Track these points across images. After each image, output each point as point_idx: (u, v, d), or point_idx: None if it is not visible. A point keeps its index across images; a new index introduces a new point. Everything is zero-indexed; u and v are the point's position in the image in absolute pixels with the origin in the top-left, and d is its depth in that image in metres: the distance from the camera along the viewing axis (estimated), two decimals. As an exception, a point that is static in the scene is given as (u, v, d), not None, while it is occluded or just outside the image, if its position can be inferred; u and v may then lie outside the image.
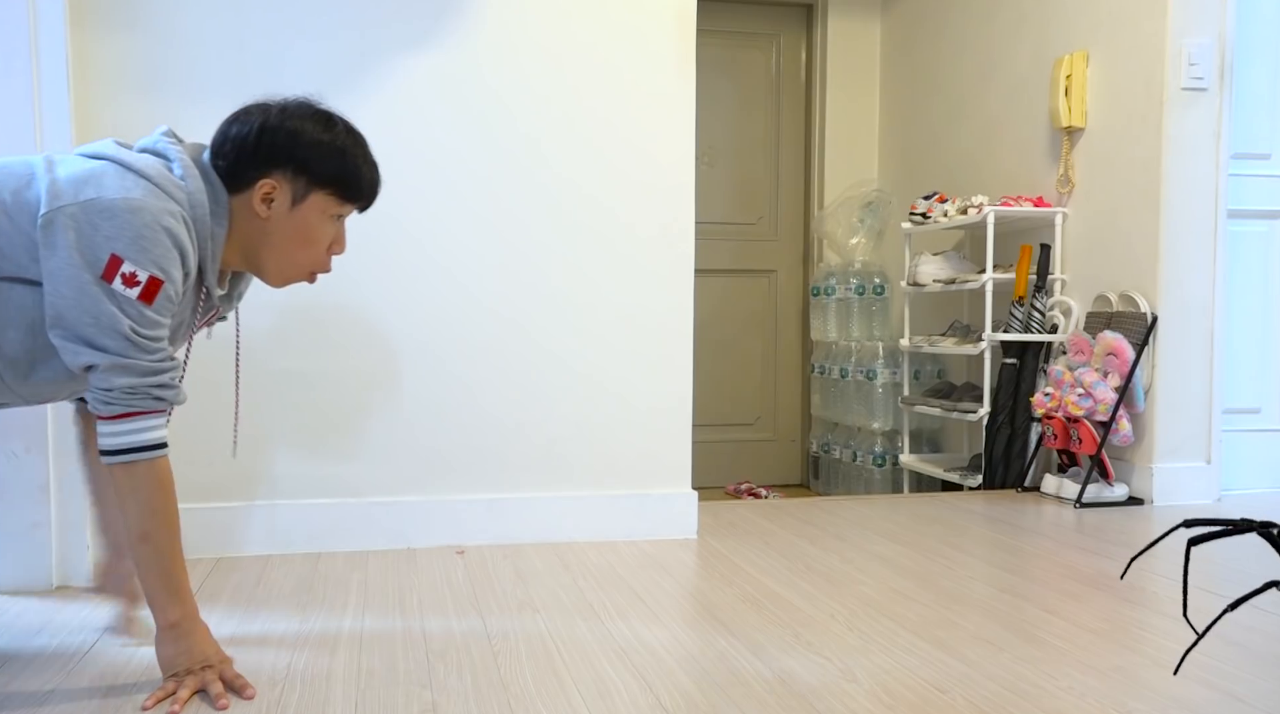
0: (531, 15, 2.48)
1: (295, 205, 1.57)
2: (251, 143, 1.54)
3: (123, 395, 1.44)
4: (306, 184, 1.56)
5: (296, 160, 1.55)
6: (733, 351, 4.70)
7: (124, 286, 1.41)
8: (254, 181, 1.54)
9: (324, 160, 1.56)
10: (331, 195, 1.58)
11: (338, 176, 1.58)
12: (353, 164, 1.59)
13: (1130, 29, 3.14)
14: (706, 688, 1.54)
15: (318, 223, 1.59)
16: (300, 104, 1.59)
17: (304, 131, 1.55)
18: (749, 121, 4.71)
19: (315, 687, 1.54)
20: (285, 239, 1.58)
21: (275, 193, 1.55)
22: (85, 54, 2.24)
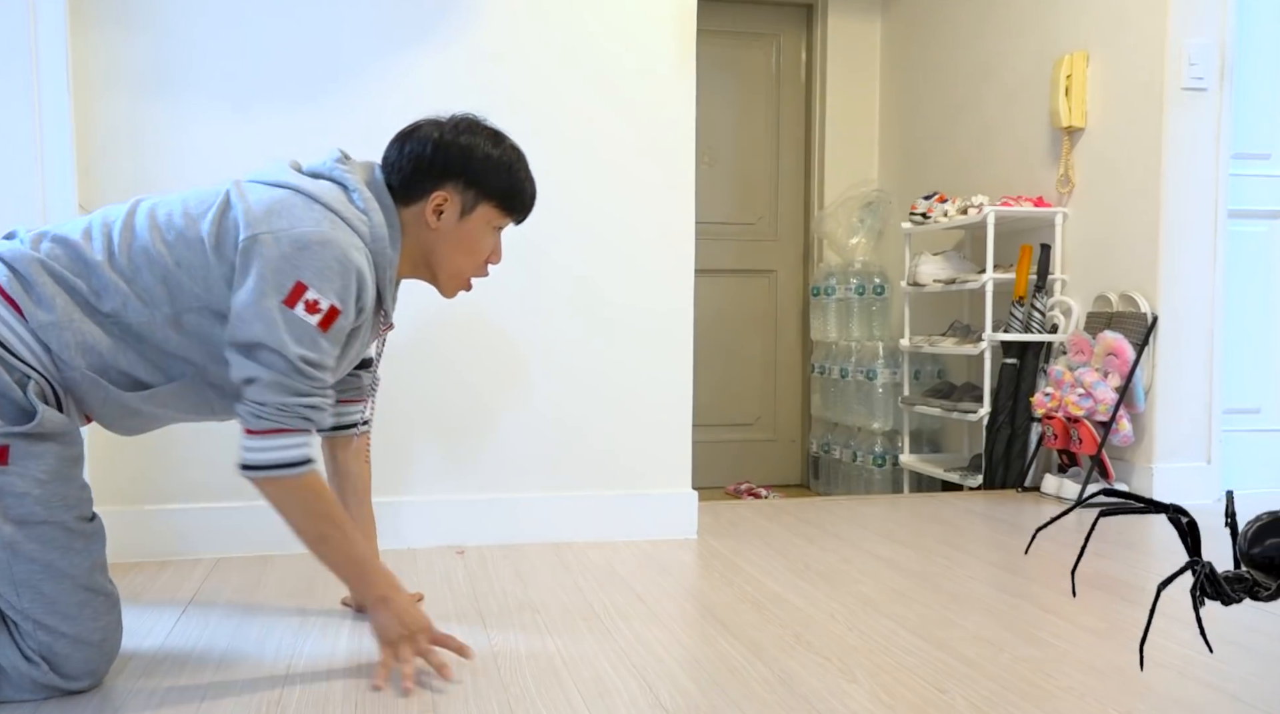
0: (532, 15, 2.48)
1: (463, 216, 1.67)
2: (428, 157, 1.63)
3: (275, 411, 1.49)
4: (475, 196, 1.66)
5: (468, 174, 1.64)
6: (733, 352, 4.70)
7: (306, 312, 1.49)
8: (428, 193, 1.64)
9: (493, 174, 1.66)
10: (496, 207, 1.68)
11: (504, 190, 1.68)
12: (518, 179, 1.69)
13: (1130, 29, 3.14)
14: (706, 688, 1.54)
15: (481, 233, 1.69)
16: (470, 121, 1.68)
17: (476, 147, 1.65)
18: (749, 121, 4.71)
19: (315, 687, 1.54)
20: (453, 248, 1.68)
21: (446, 204, 1.65)
22: (85, 54, 2.24)
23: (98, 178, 2.27)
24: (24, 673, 1.46)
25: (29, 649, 1.46)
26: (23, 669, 1.46)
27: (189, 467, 2.32)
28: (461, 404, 2.49)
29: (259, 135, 2.35)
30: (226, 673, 1.60)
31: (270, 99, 2.36)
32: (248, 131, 2.35)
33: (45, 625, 1.46)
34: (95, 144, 2.26)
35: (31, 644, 1.46)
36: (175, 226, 1.54)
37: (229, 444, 2.34)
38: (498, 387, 2.50)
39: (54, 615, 1.46)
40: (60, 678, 1.48)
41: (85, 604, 1.49)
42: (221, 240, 1.52)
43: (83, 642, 1.48)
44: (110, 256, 1.52)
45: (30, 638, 1.46)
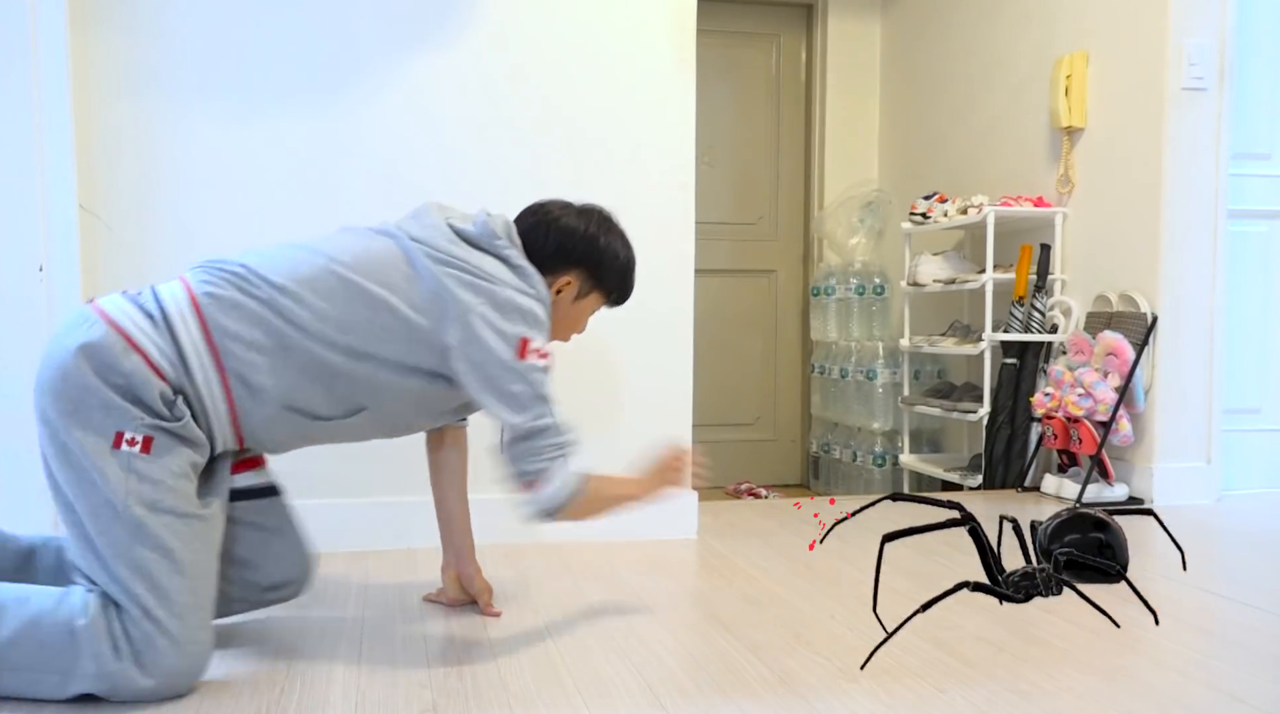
0: (532, 15, 2.48)
1: (577, 300, 1.84)
2: (571, 247, 1.80)
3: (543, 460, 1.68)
4: (593, 286, 1.84)
5: (599, 268, 1.83)
6: (733, 351, 4.70)
7: (537, 359, 1.67)
8: (558, 274, 1.80)
9: (615, 273, 1.86)
10: (604, 297, 1.88)
11: (619, 287, 1.88)
12: (630, 278, 1.90)
13: (1130, 29, 3.14)
14: (706, 688, 1.54)
15: (585, 314, 1.89)
16: (607, 219, 1.87)
17: (612, 249, 1.84)
18: (749, 121, 4.71)
19: (315, 687, 1.54)
20: (560, 323, 1.84)
21: (567, 288, 1.82)
22: (85, 54, 2.24)
23: (98, 178, 2.27)
24: (103, 664, 1.43)
25: (123, 638, 1.45)
26: (105, 659, 1.43)
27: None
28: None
29: (259, 135, 2.35)
30: (226, 673, 1.60)
31: (271, 99, 2.36)
32: (248, 132, 2.35)
33: (153, 616, 1.46)
34: (95, 144, 2.26)
35: (133, 632, 1.45)
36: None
37: (229, 444, 2.34)
38: (498, 387, 2.50)
39: (164, 607, 1.47)
40: (140, 674, 1.45)
41: (197, 606, 1.51)
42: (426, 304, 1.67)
43: (181, 644, 1.48)
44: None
45: (135, 625, 1.45)
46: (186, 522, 1.53)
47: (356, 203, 2.40)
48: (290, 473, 2.38)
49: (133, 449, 1.50)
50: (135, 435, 1.51)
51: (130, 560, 1.47)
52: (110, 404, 1.51)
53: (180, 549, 1.50)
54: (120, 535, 1.48)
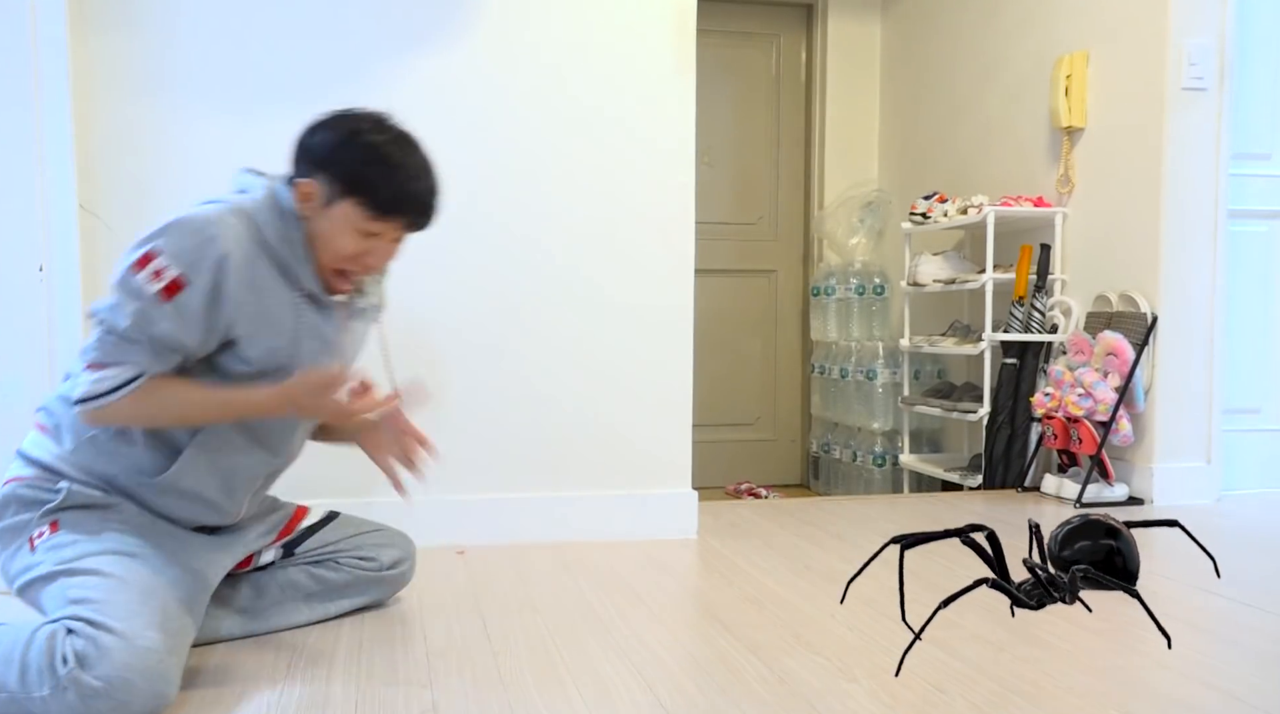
0: (532, 16, 2.48)
1: (327, 208, 1.59)
2: (303, 146, 1.61)
3: (98, 347, 1.51)
4: (338, 190, 1.58)
5: (336, 167, 1.57)
6: (733, 351, 4.70)
7: (151, 280, 1.49)
8: (298, 180, 1.60)
9: (360, 169, 1.57)
10: (360, 205, 1.57)
11: (368, 189, 1.57)
12: (395, 182, 1.58)
13: (1130, 29, 3.14)
14: (706, 688, 1.54)
15: (341, 232, 1.59)
16: (367, 114, 1.62)
17: (353, 145, 1.57)
18: (749, 121, 4.71)
19: (315, 687, 1.54)
20: (322, 240, 1.61)
21: (312, 193, 1.59)
22: (85, 55, 2.24)
23: (98, 178, 2.27)
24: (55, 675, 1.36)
25: (66, 651, 1.37)
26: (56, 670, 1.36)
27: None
28: (461, 404, 2.48)
29: (260, 135, 2.35)
30: (226, 673, 1.60)
31: (271, 99, 2.36)
32: (248, 132, 2.35)
33: (96, 623, 1.39)
34: (95, 144, 2.26)
35: (77, 643, 1.37)
36: None
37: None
38: (498, 386, 2.50)
39: (104, 613, 1.41)
40: (87, 674, 1.35)
41: (143, 609, 1.44)
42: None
43: (129, 640, 1.39)
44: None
45: (80, 636, 1.38)
46: (125, 557, 1.52)
47: (356, 203, 2.40)
48: (291, 473, 2.39)
49: (42, 539, 1.56)
50: (40, 529, 1.57)
51: (65, 599, 1.46)
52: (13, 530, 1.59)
53: (117, 572, 1.49)
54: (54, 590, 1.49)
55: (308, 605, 1.86)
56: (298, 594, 1.85)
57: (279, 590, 1.83)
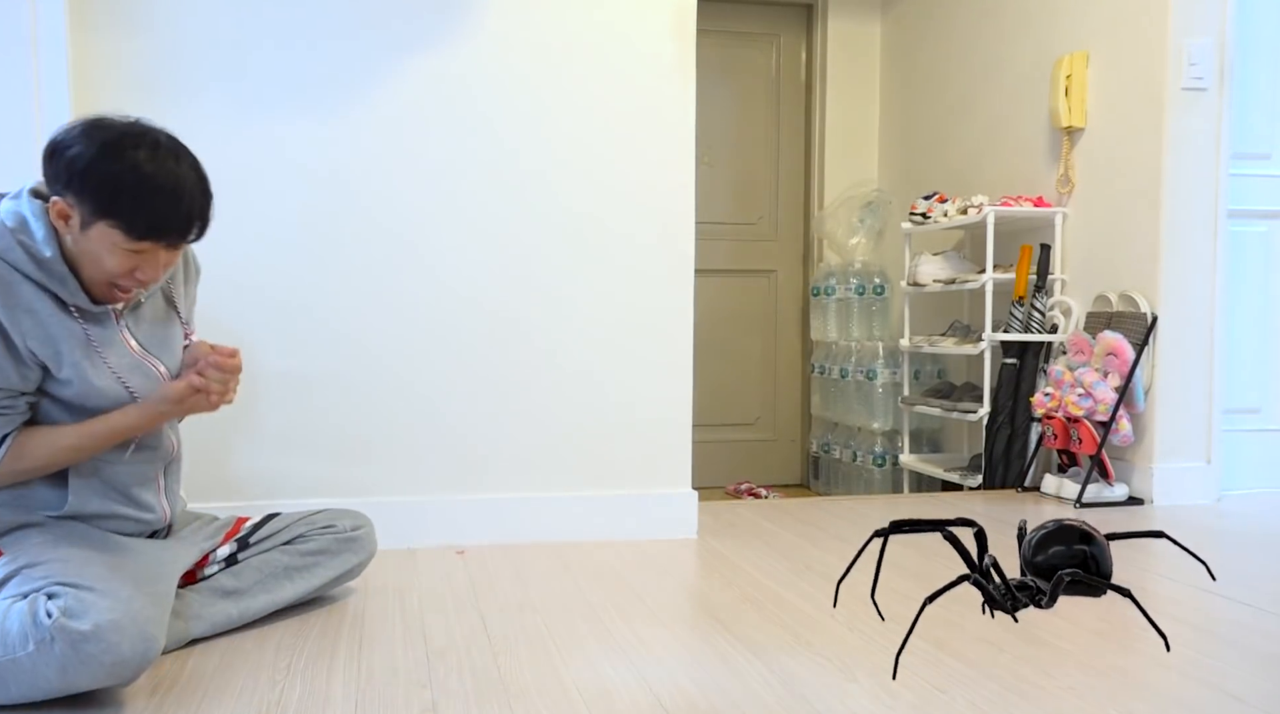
0: (531, 16, 2.48)
1: (85, 229, 1.49)
2: (48, 159, 1.50)
3: None
4: (88, 213, 1.48)
5: (78, 187, 1.47)
6: (733, 352, 4.70)
7: None
8: (50, 198, 1.51)
9: (103, 192, 1.47)
10: (114, 229, 1.48)
11: (118, 212, 1.47)
12: (136, 202, 1.47)
13: (1130, 29, 3.14)
14: (706, 688, 1.54)
15: (104, 251, 1.50)
16: (110, 126, 1.50)
17: (92, 159, 1.46)
18: (749, 121, 4.71)
19: (315, 686, 1.54)
20: (83, 257, 1.52)
21: (68, 213, 1.49)
22: (85, 54, 2.24)
23: (98, 178, 2.26)
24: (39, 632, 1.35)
25: (48, 608, 1.37)
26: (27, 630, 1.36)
27: (192, 468, 2.32)
28: (461, 404, 2.48)
29: (259, 135, 2.35)
30: (227, 672, 1.60)
31: (271, 99, 2.36)
32: (248, 131, 2.35)
33: (73, 584, 1.41)
34: (95, 144, 2.26)
35: (57, 603, 1.38)
36: None
37: (222, 446, 2.34)
38: (498, 387, 2.50)
39: (79, 581, 1.42)
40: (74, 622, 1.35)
41: (115, 575, 1.46)
42: None
43: (112, 595, 1.40)
44: None
45: (59, 597, 1.39)
46: (79, 548, 1.53)
47: (355, 203, 2.40)
48: (291, 473, 2.39)
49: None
50: None
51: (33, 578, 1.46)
52: None
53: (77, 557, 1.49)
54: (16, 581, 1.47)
55: (290, 582, 1.89)
56: (277, 569, 1.88)
57: (257, 570, 1.86)
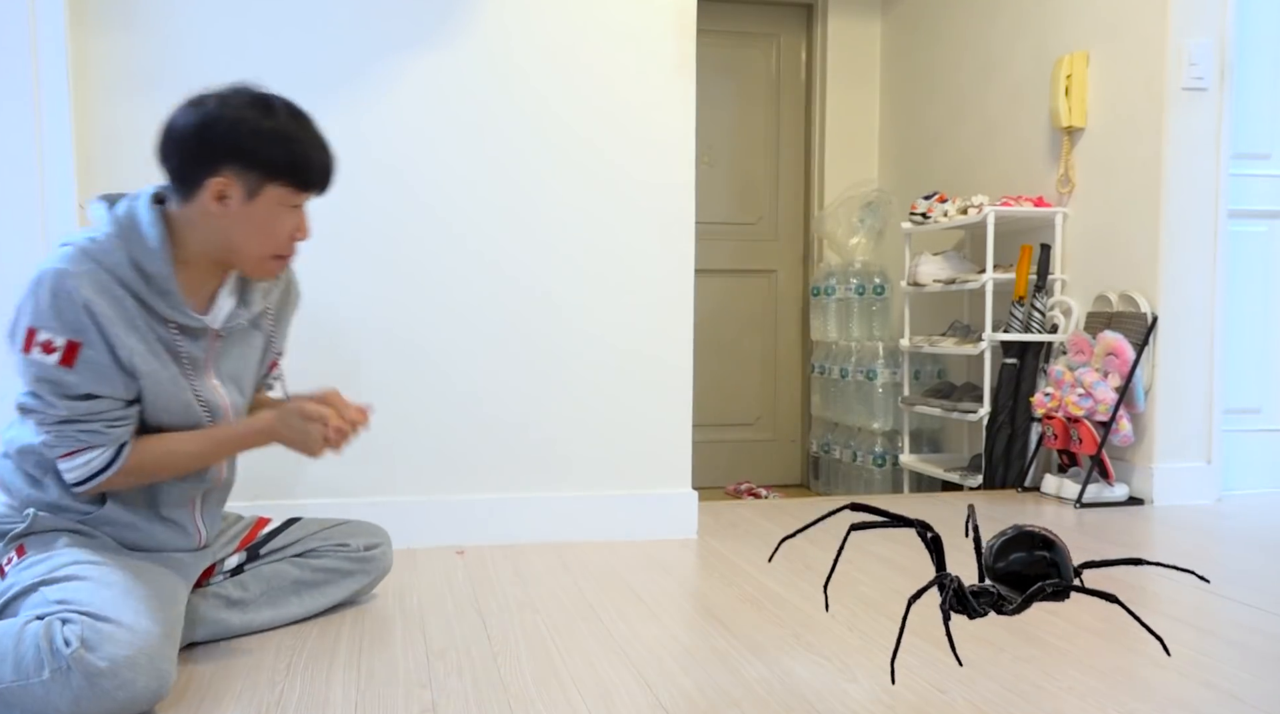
0: (533, 16, 2.48)
1: (252, 200, 1.53)
2: (192, 145, 1.52)
3: (57, 439, 1.54)
4: (259, 176, 1.53)
5: (246, 152, 1.51)
6: (733, 352, 4.70)
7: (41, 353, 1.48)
8: (202, 182, 1.52)
9: (271, 149, 1.52)
10: (285, 184, 1.54)
11: (288, 163, 1.53)
12: (299, 149, 1.54)
13: (1130, 29, 3.14)
14: (706, 688, 1.54)
15: (274, 215, 1.56)
16: (237, 91, 1.55)
17: (249, 124, 1.51)
18: (749, 121, 4.71)
19: (315, 686, 1.54)
20: (247, 233, 1.55)
21: (228, 189, 1.52)
22: (85, 54, 2.24)
23: (98, 178, 2.26)
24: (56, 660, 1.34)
25: (66, 635, 1.36)
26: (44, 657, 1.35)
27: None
28: (461, 404, 2.48)
29: (259, 135, 2.35)
30: (226, 673, 1.60)
31: (270, 99, 2.36)
32: (248, 131, 2.35)
33: (89, 612, 1.39)
34: (95, 144, 2.26)
35: (74, 630, 1.36)
36: None
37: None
38: (497, 387, 2.50)
39: (94, 607, 1.41)
40: (91, 655, 1.34)
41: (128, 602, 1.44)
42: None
43: (128, 627, 1.39)
44: None
45: (73, 625, 1.37)
46: (100, 561, 1.52)
47: (355, 203, 2.40)
48: (293, 473, 2.39)
49: (11, 565, 1.56)
50: (9, 555, 1.57)
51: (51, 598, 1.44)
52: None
53: (95, 573, 1.48)
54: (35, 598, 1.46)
55: (297, 598, 1.86)
56: (284, 582, 1.85)
57: (265, 581, 1.84)
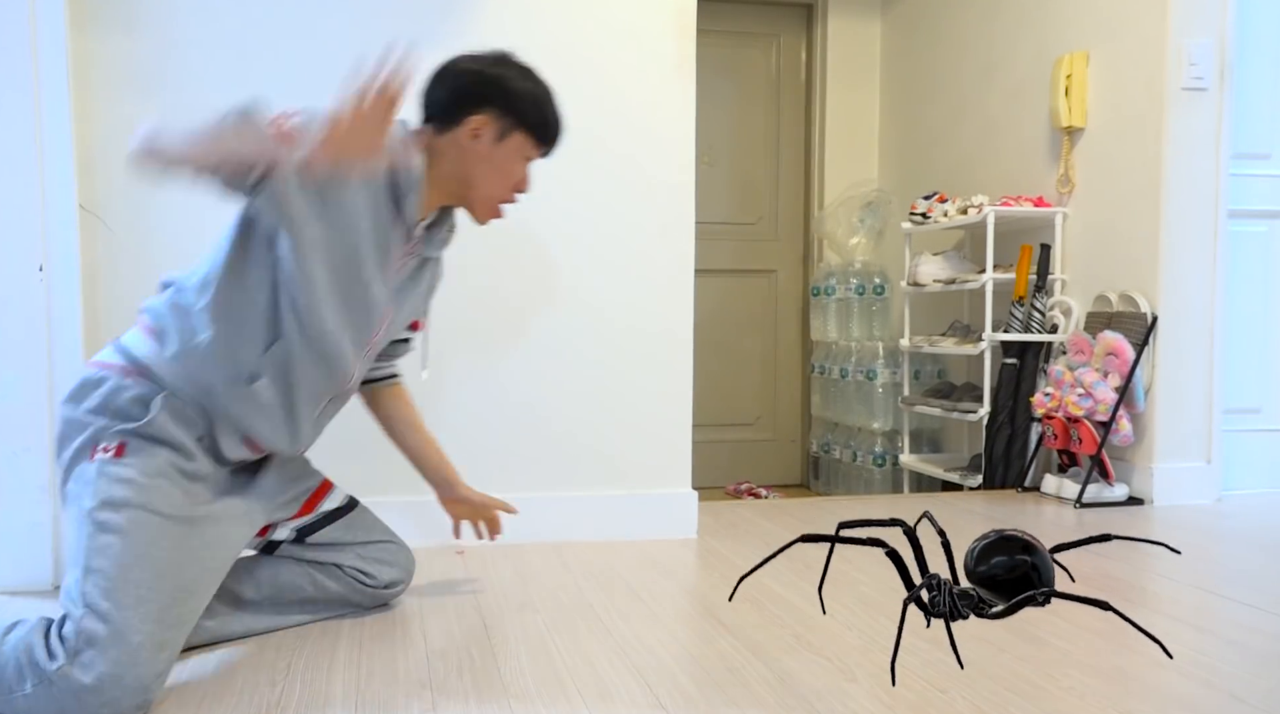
0: (533, 15, 2.48)
1: (499, 141, 1.77)
2: (465, 86, 1.76)
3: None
4: (510, 124, 1.77)
5: (504, 102, 1.76)
6: (733, 352, 4.70)
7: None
8: (464, 117, 1.75)
9: (525, 105, 1.77)
10: (529, 137, 1.79)
11: (537, 120, 1.79)
12: (550, 112, 1.80)
13: (1130, 29, 3.14)
14: (706, 688, 1.54)
15: (514, 160, 1.80)
16: (504, 55, 1.80)
17: (510, 78, 1.77)
18: (749, 121, 4.71)
19: (315, 687, 1.54)
20: (487, 171, 1.78)
21: (484, 128, 1.75)
22: (85, 54, 2.24)
23: (98, 178, 2.27)
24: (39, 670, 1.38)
25: (58, 639, 1.40)
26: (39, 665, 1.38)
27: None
28: (461, 404, 2.48)
29: (259, 135, 2.35)
30: (227, 673, 1.60)
31: (270, 99, 2.36)
32: (248, 131, 2.34)
33: (97, 610, 1.42)
34: (95, 144, 2.26)
35: (69, 630, 1.40)
36: None
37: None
38: (497, 386, 2.50)
39: (109, 598, 1.43)
40: (78, 671, 1.37)
41: (148, 597, 1.46)
42: None
43: (123, 635, 1.41)
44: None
45: (73, 623, 1.41)
46: (158, 519, 1.53)
47: (356, 203, 2.40)
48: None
49: (106, 455, 1.56)
50: (109, 443, 1.57)
51: (88, 557, 1.47)
52: (86, 425, 1.58)
53: (141, 541, 1.50)
54: (84, 538, 1.49)
55: (301, 609, 1.86)
56: (295, 597, 1.85)
57: (278, 590, 1.83)
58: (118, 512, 1.51)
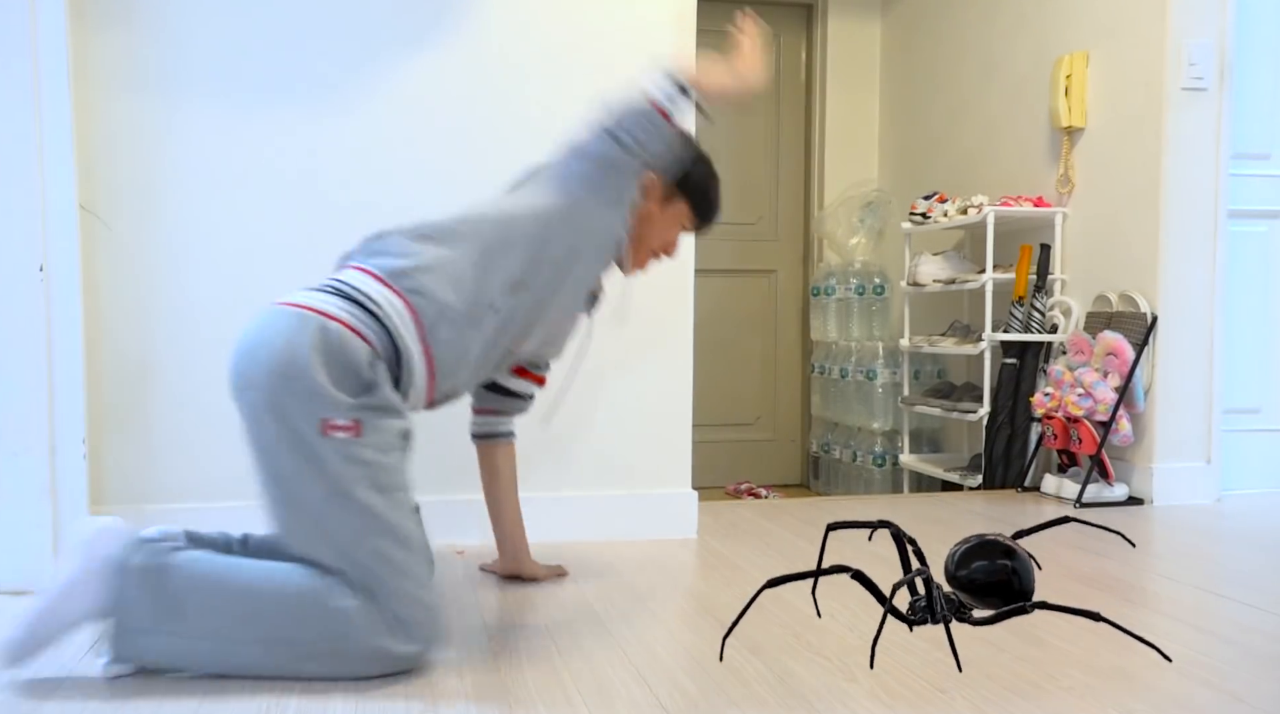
0: (532, 16, 2.48)
1: (663, 204, 1.96)
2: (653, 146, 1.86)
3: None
4: (676, 191, 1.96)
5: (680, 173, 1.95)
6: (733, 352, 4.70)
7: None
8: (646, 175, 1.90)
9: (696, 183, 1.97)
10: (689, 208, 1.99)
11: (701, 198, 1.99)
12: (714, 196, 2.01)
13: (1130, 29, 3.14)
14: (706, 688, 1.54)
15: (670, 225, 1.99)
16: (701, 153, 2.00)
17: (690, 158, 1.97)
18: (749, 121, 4.71)
19: (315, 687, 1.54)
20: (647, 226, 1.96)
21: (654, 188, 1.93)
22: (85, 54, 2.24)
23: (98, 178, 2.27)
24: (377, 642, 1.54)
25: (390, 618, 1.55)
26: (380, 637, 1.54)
27: (192, 467, 2.32)
28: (460, 404, 2.48)
29: (259, 135, 2.35)
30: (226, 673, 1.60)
31: (270, 99, 2.36)
32: (248, 132, 2.35)
33: (406, 593, 1.56)
34: (95, 144, 2.26)
35: (397, 608, 1.55)
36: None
37: (222, 445, 2.34)
38: (498, 387, 2.50)
39: (411, 580, 1.57)
40: (407, 642, 1.55)
41: (426, 575, 1.61)
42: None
43: (433, 611, 1.59)
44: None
45: (395, 602, 1.54)
46: (400, 495, 1.62)
47: (355, 202, 2.40)
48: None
49: (342, 434, 1.57)
50: (342, 420, 1.57)
51: (370, 547, 1.56)
52: (321, 392, 1.56)
53: (404, 525, 1.60)
54: (355, 523, 1.56)
55: None
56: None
57: None
58: (380, 496, 1.59)
